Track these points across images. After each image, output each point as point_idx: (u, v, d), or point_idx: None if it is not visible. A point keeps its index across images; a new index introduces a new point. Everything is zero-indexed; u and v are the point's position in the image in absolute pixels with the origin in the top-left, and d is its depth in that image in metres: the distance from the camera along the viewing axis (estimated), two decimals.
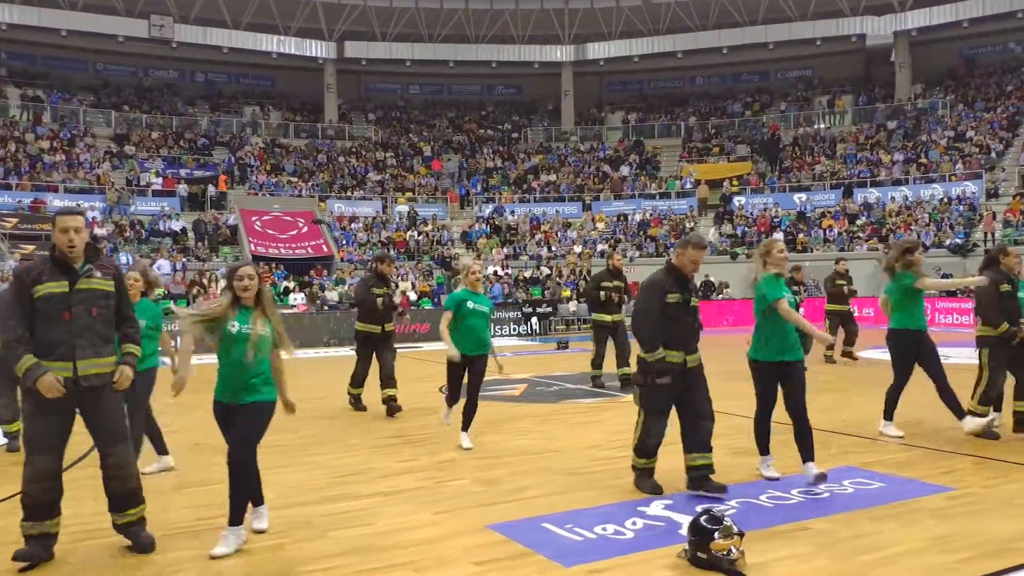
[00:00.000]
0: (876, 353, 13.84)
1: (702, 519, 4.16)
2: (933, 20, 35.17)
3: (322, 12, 38.06)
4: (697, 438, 5.46)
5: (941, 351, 7.28)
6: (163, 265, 24.39)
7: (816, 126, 36.64)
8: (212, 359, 4.77)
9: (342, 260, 28.05)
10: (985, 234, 26.95)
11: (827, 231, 29.48)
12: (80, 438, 4.63)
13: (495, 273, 26.47)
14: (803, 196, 31.82)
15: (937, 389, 7.05)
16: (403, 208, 32.12)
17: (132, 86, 38.41)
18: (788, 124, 36.97)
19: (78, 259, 4.43)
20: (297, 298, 23.60)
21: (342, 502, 5.34)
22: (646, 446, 5.58)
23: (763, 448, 5.97)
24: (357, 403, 9.42)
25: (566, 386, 11.31)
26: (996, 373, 7.17)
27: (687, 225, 31.36)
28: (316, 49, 38.73)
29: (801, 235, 29.48)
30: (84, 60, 37.83)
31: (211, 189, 31.54)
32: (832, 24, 36.66)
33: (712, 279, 27.94)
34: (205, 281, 23.58)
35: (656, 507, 5.18)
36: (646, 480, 5.62)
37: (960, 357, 11.19)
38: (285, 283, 25.00)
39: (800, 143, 35.47)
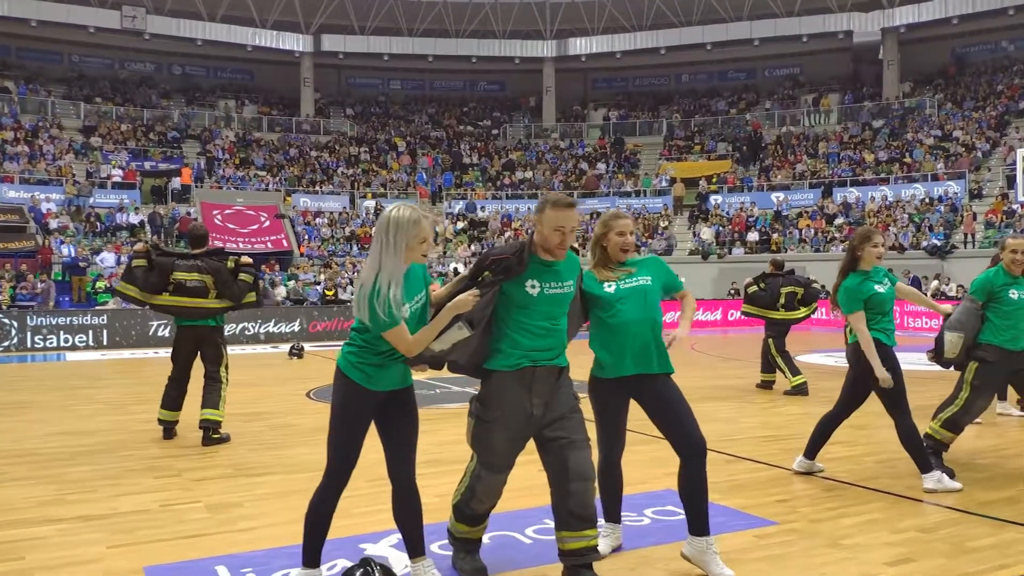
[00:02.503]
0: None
1: (358, 574, 3.33)
2: (922, 16, 34.18)
3: (299, 4, 37.36)
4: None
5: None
6: (106, 258, 23.72)
7: (801, 125, 35.66)
8: None
9: (301, 255, 27.38)
10: (965, 235, 25.99)
11: (803, 231, 28.54)
12: None
13: (455, 270, 25.67)
14: (781, 195, 30.88)
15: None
16: (370, 203, 31.38)
17: (107, 78, 37.78)
18: (772, 123, 36.02)
19: None
20: (279, 291, 22.84)
21: (18, 528, 4.49)
22: (470, 508, 3.78)
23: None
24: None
25: (452, 389, 10.44)
26: (979, 393, 5.85)
27: (660, 224, 30.51)
28: (293, 42, 38.02)
29: (776, 235, 28.56)
30: (59, 52, 37.22)
31: (175, 182, 30.89)
32: (819, 20, 35.71)
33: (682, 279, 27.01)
34: None
35: (383, 546, 4.19)
36: (466, 557, 3.87)
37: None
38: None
39: (783, 142, 34.53)
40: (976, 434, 7.32)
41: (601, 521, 4.18)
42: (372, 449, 6.64)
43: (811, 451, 5.80)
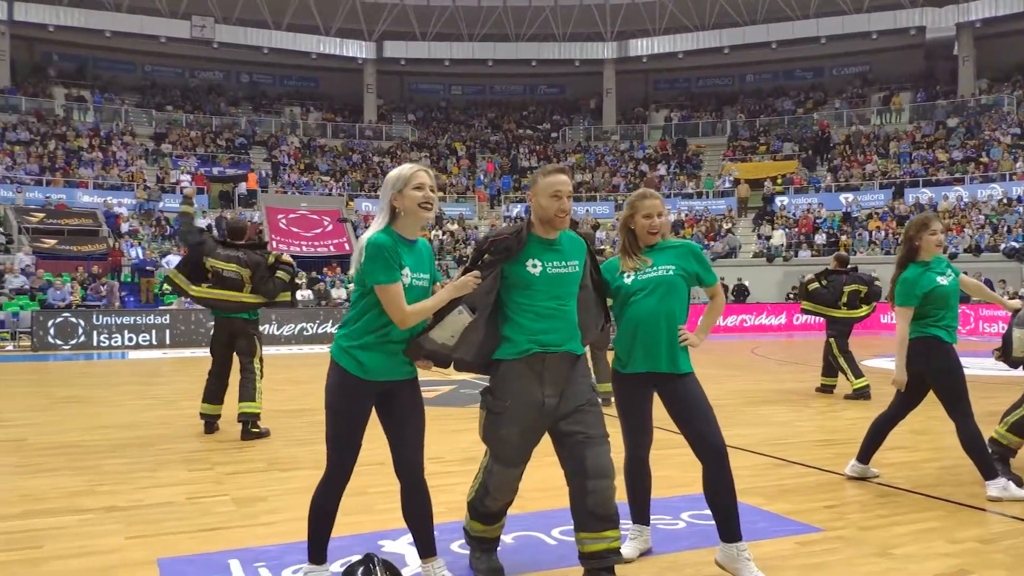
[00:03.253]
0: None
1: (359, 572, 3.18)
2: (999, 10, 32.89)
3: (361, 12, 37.80)
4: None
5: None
6: (173, 261, 24.24)
7: (870, 124, 34.61)
8: None
9: None
10: None
11: (873, 233, 27.65)
12: None
13: None
14: (850, 196, 29.99)
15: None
16: None
17: (178, 87, 38.80)
18: (841, 122, 35.06)
19: None
20: (305, 294, 23.13)
21: (42, 517, 4.48)
22: (484, 506, 3.59)
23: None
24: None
25: None
26: None
27: (723, 226, 29.93)
28: (356, 49, 38.50)
29: (845, 237, 27.72)
30: (132, 62, 38.37)
31: (241, 187, 31.53)
32: (889, 17, 34.67)
33: (745, 283, 26.49)
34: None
35: (401, 544, 4.05)
36: (482, 557, 3.68)
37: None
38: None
39: (851, 141, 33.56)
40: None
41: (629, 523, 3.97)
42: None
43: (864, 455, 5.47)
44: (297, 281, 7.43)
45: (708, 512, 3.89)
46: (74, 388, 10.72)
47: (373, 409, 3.31)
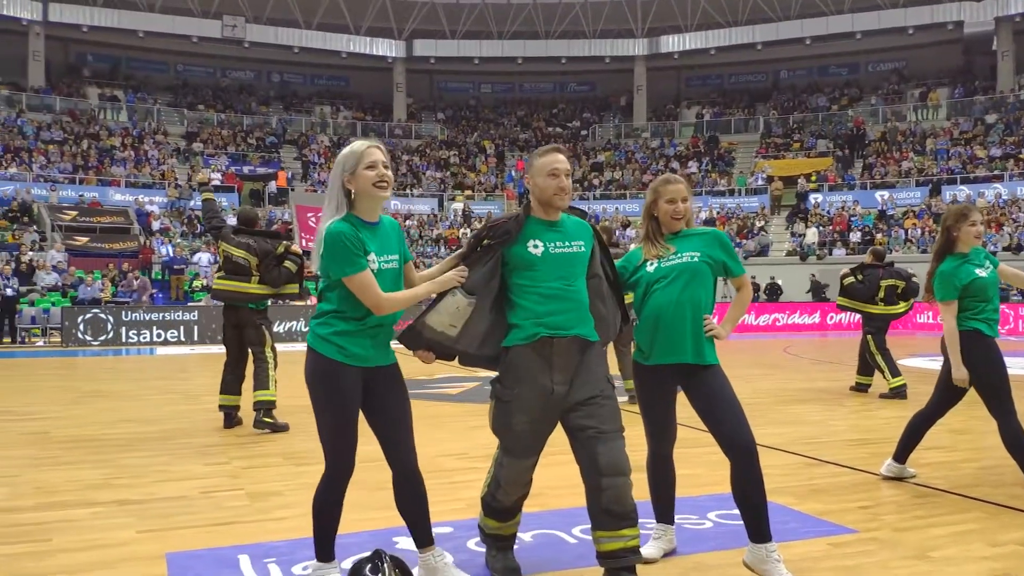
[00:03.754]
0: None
1: (367, 569, 3.05)
2: None
3: (391, 10, 37.83)
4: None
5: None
6: (203, 258, 24.44)
7: (907, 120, 33.99)
8: None
9: None
10: None
11: (909, 231, 27.13)
12: None
13: None
14: (885, 194, 29.45)
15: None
16: (458, 206, 31.48)
17: (210, 86, 39.09)
18: (876, 119, 34.47)
19: None
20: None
21: (55, 510, 4.41)
22: (496, 500, 3.42)
23: None
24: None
25: None
26: None
27: (756, 223, 29.54)
28: (385, 48, 38.56)
29: (880, 235, 27.22)
30: (164, 62, 38.71)
31: (271, 185, 31.72)
32: (926, 11, 34.00)
33: (778, 281, 26.11)
34: None
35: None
36: (497, 555, 3.51)
37: None
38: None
39: (887, 138, 32.98)
40: None
41: (653, 522, 3.81)
42: (426, 441, 6.47)
43: (901, 454, 5.25)
44: (307, 273, 7.33)
45: (736, 512, 3.71)
46: (100, 383, 10.75)
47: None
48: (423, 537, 3.27)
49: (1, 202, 25.86)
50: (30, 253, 22.33)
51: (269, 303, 7.22)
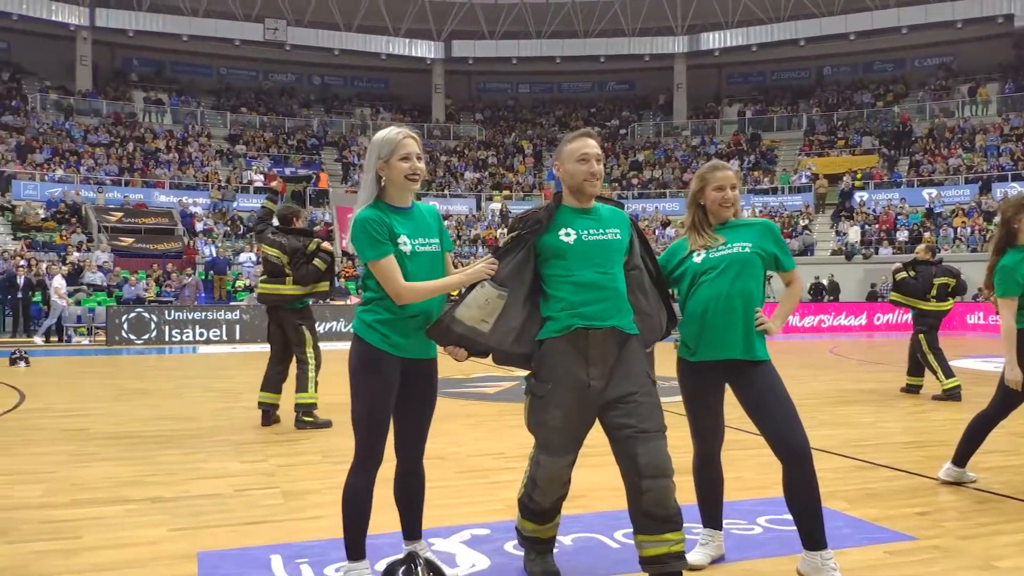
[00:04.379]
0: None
1: (400, 572, 2.92)
2: None
3: (430, 12, 37.87)
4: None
5: None
6: (246, 258, 24.64)
7: (955, 116, 33.17)
8: None
9: None
10: None
11: (958, 229, 26.45)
12: None
13: None
14: (933, 191, 28.76)
15: None
16: (496, 206, 31.41)
17: (252, 89, 39.46)
18: (923, 115, 33.70)
19: None
20: None
21: (87, 507, 4.36)
22: (533, 502, 3.25)
23: None
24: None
25: None
26: None
27: (800, 222, 29.03)
28: (424, 49, 38.62)
29: (928, 233, 26.56)
30: (208, 66, 39.17)
31: (312, 187, 31.93)
32: (975, 4, 33.10)
33: (824, 281, 25.63)
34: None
35: (453, 542, 3.78)
36: (536, 559, 3.36)
37: None
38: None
39: (935, 135, 32.22)
40: None
41: (699, 527, 3.64)
42: (463, 440, 6.38)
43: (961, 458, 5.01)
44: (345, 272, 7.30)
45: (788, 517, 3.54)
46: (142, 381, 10.81)
47: None
48: (413, 529, 3.28)
49: (49, 204, 26.32)
50: (77, 253, 22.68)
51: (309, 302, 7.15)
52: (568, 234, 3.07)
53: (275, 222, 7.15)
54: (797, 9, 35.99)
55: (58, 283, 18.04)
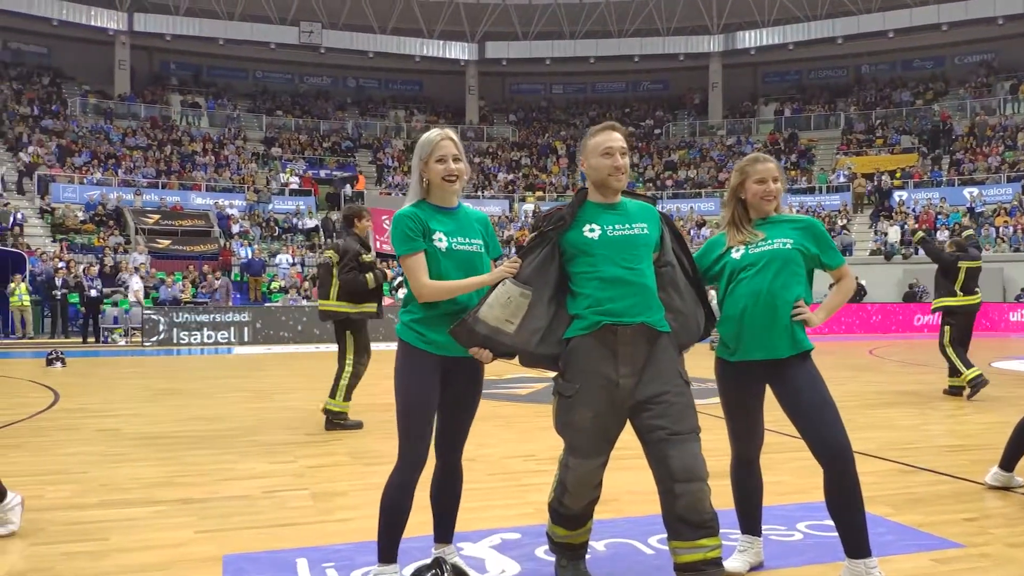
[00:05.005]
0: None
1: None
2: None
3: (464, 13, 37.92)
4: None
5: None
6: (281, 260, 24.82)
7: (996, 114, 32.48)
8: None
9: None
10: None
11: (1000, 229, 25.88)
12: None
13: None
14: (974, 190, 28.17)
15: None
16: (529, 207, 31.34)
17: (288, 92, 39.78)
18: (964, 113, 33.04)
19: None
20: (401, 292, 23.31)
21: (116, 508, 4.34)
22: (564, 506, 3.14)
23: None
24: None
25: None
26: None
27: (838, 222, 28.58)
28: (458, 51, 38.68)
29: (966, 221, 26.02)
30: (244, 69, 39.56)
31: (348, 189, 32.07)
32: (1017, 0, 32.41)
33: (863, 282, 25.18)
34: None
35: (482, 547, 3.70)
36: (568, 565, 3.24)
37: None
38: (400, 277, 24.82)
39: (976, 133, 31.57)
40: None
41: (737, 533, 3.52)
42: (494, 442, 6.29)
43: (1008, 462, 4.82)
44: (384, 290, 7.03)
45: (829, 523, 3.41)
46: (176, 381, 10.88)
47: None
48: (446, 533, 3.26)
49: (88, 206, 26.71)
50: (114, 255, 22.98)
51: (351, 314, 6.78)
52: (592, 230, 2.99)
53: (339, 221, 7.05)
54: (834, 7, 35.51)
55: (136, 285, 18.46)
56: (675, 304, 3.10)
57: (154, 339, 17.78)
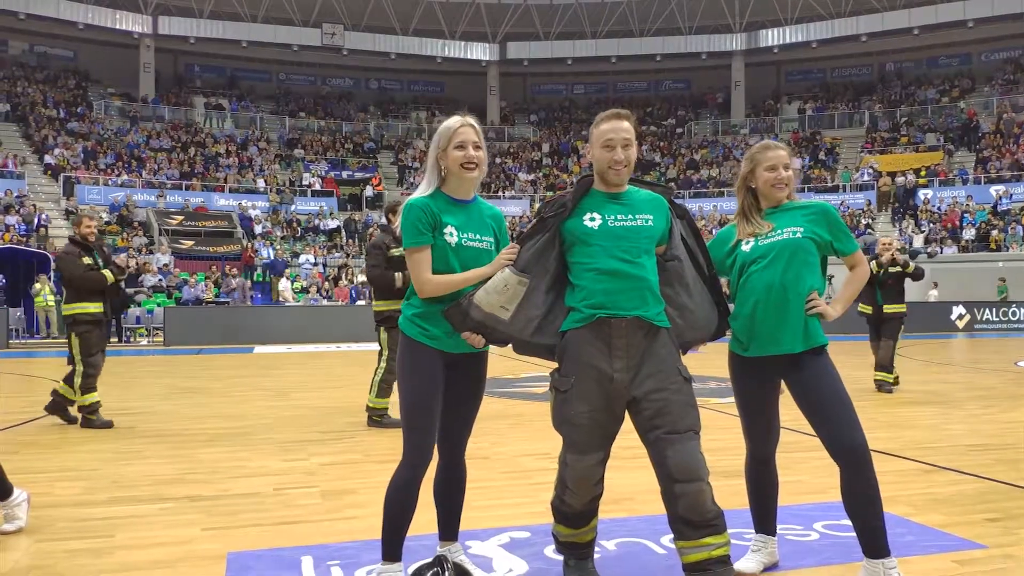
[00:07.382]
0: None
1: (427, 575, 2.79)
2: None
3: (485, 14, 37.91)
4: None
5: None
6: (303, 260, 24.92)
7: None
8: None
9: None
10: None
11: None
12: None
13: None
14: (1000, 188, 27.75)
15: None
16: None
17: (310, 94, 39.96)
18: (990, 110, 32.57)
19: None
20: None
21: (124, 505, 4.32)
22: (565, 504, 3.08)
23: None
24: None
25: None
26: None
27: (862, 221, 28.26)
28: (480, 52, 38.68)
29: (995, 232, 25.64)
30: (267, 71, 39.80)
31: (368, 189, 32.19)
32: None
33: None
34: (341, 274, 23.99)
35: (490, 545, 3.64)
36: (575, 565, 3.16)
37: None
38: None
39: (1003, 130, 31.11)
40: None
41: (752, 533, 3.43)
42: (508, 440, 6.23)
43: None
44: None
45: (846, 523, 3.32)
46: (195, 380, 10.91)
47: None
48: (451, 530, 3.19)
49: (112, 207, 26.95)
50: (138, 255, 23.16)
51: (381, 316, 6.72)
52: (593, 219, 2.90)
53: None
54: (858, 4, 35.16)
55: (283, 285, 18.75)
56: (680, 300, 3.01)
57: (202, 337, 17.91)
